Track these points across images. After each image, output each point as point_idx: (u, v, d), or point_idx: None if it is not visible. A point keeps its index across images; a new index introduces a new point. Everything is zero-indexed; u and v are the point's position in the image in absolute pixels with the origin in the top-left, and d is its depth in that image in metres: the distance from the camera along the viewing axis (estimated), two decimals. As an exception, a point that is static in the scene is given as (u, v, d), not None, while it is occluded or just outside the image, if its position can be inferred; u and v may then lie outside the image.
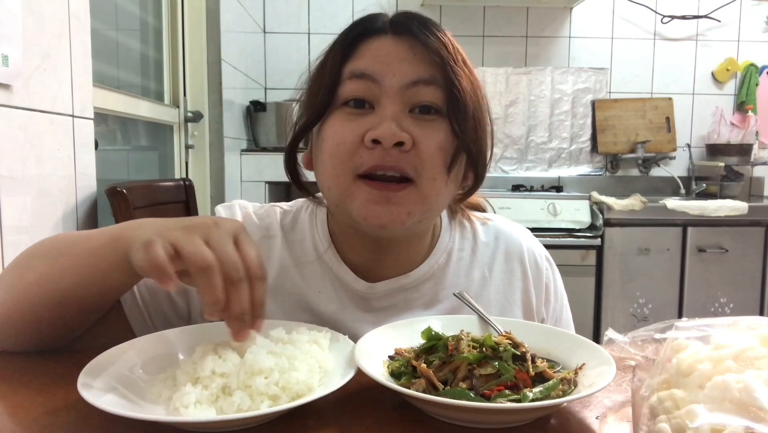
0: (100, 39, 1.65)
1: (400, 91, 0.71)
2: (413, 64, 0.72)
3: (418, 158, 0.71)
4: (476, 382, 0.58)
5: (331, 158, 0.72)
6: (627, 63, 3.21)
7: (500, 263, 0.87)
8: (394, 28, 0.75)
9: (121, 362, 0.62)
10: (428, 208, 0.74)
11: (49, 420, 0.55)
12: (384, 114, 0.70)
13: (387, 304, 0.82)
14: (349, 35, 0.75)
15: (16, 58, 0.99)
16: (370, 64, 0.72)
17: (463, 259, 0.85)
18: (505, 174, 3.18)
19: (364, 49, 0.74)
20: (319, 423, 0.56)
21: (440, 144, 0.71)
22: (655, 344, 0.53)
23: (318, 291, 0.81)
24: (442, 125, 0.72)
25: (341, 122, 0.72)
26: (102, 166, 1.37)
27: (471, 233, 0.88)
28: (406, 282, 0.82)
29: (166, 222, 0.60)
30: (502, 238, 0.89)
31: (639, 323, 2.62)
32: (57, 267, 0.67)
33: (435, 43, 0.73)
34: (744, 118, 3.21)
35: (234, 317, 0.57)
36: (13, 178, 1.01)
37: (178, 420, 0.53)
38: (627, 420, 0.56)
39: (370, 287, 0.81)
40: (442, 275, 0.84)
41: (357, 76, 0.72)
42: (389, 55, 0.73)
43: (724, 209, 2.61)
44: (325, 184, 0.75)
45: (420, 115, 0.72)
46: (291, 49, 3.10)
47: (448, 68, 0.72)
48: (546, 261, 0.91)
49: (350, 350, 0.64)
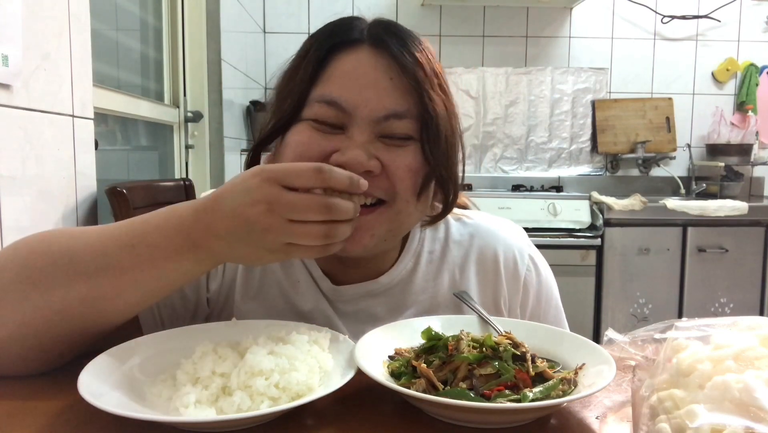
0: (100, 39, 1.65)
1: (371, 123, 0.69)
2: (387, 93, 0.69)
3: (387, 181, 0.70)
4: (476, 382, 0.58)
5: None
6: (627, 63, 3.21)
7: (472, 262, 0.84)
8: (372, 40, 0.72)
9: (121, 362, 0.62)
10: (396, 227, 0.73)
11: (50, 420, 0.55)
12: (352, 140, 0.68)
13: (352, 309, 0.80)
14: (323, 46, 0.72)
15: (16, 58, 0.99)
16: (341, 91, 0.69)
17: (432, 261, 0.83)
18: (505, 174, 3.18)
19: (337, 67, 0.71)
20: (319, 423, 0.56)
21: (410, 166, 0.70)
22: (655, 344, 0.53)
23: (297, 280, 0.80)
24: (414, 148, 0.71)
25: (307, 134, 0.70)
26: (102, 166, 1.37)
27: (444, 232, 0.86)
28: (374, 288, 0.81)
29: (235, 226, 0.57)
30: (478, 236, 0.86)
31: (639, 323, 2.62)
32: (109, 286, 0.60)
33: (412, 66, 0.70)
34: (744, 118, 3.21)
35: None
36: (13, 178, 1.01)
37: (178, 420, 0.53)
38: (627, 420, 0.56)
39: (335, 290, 0.80)
40: (411, 280, 0.82)
41: (326, 102, 0.69)
42: (364, 76, 0.69)
43: (724, 209, 2.61)
44: None
45: (390, 141, 0.71)
46: (291, 49, 3.05)
47: (423, 96, 0.70)
48: (529, 260, 0.87)
49: (350, 350, 0.64)
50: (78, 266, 0.61)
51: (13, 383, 0.65)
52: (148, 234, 0.60)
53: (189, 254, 0.60)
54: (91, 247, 0.62)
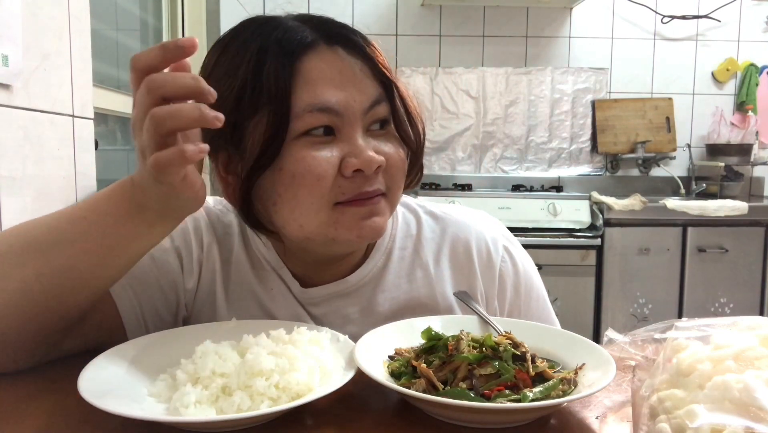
0: (100, 39, 1.65)
1: (361, 116, 0.69)
2: (363, 84, 0.70)
3: (387, 174, 0.71)
4: (476, 382, 0.58)
5: (310, 194, 0.67)
6: (627, 63, 3.20)
7: (446, 256, 0.83)
8: (326, 38, 0.70)
9: (121, 362, 0.62)
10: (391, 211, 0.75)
11: (50, 420, 0.55)
12: (352, 141, 0.68)
13: (323, 311, 0.80)
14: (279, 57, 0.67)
15: (16, 58, 0.99)
16: (328, 95, 0.67)
17: (404, 258, 0.82)
18: (505, 174, 3.18)
19: (308, 73, 0.67)
20: (319, 423, 0.56)
21: (400, 155, 0.73)
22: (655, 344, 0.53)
23: (270, 288, 0.80)
24: (392, 132, 0.73)
25: (311, 153, 0.67)
26: (102, 166, 1.37)
27: (416, 228, 0.85)
28: (343, 288, 0.80)
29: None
30: (450, 229, 0.85)
31: (639, 323, 2.62)
32: (62, 258, 0.61)
33: (368, 52, 0.71)
34: (744, 118, 3.21)
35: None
36: (13, 178, 1.01)
37: (178, 420, 0.53)
38: (627, 420, 0.56)
39: (304, 292, 0.79)
40: (382, 277, 0.81)
41: (319, 110, 0.67)
42: (339, 76, 0.68)
43: (724, 209, 2.61)
44: (298, 220, 0.69)
45: (377, 131, 0.72)
46: (291, 49, 3.10)
47: (386, 77, 0.71)
48: (504, 251, 0.85)
49: (350, 350, 0.64)
50: (32, 244, 0.62)
51: (13, 383, 0.65)
52: (99, 203, 0.61)
53: (137, 217, 0.60)
54: (46, 225, 0.63)
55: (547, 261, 2.52)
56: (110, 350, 0.63)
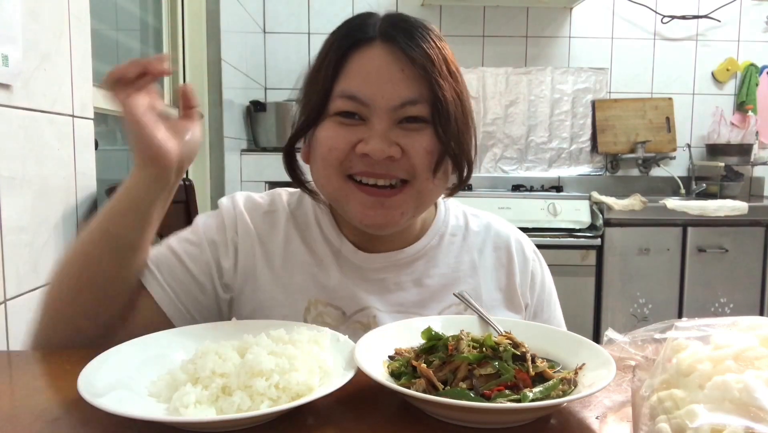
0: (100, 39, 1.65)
1: (388, 111, 0.78)
2: (400, 84, 0.78)
3: (409, 163, 0.79)
4: (476, 382, 0.58)
5: (324, 161, 0.80)
6: (627, 63, 3.21)
7: (489, 249, 0.94)
8: (383, 36, 0.79)
9: (121, 361, 0.62)
10: (420, 204, 0.83)
11: (50, 420, 0.55)
12: (374, 130, 0.77)
13: (380, 277, 0.88)
14: (340, 48, 0.80)
15: (16, 58, 0.99)
16: (359, 86, 0.78)
17: (454, 243, 0.92)
18: (505, 174, 3.18)
19: (355, 63, 0.79)
20: (319, 423, 0.56)
21: (427, 148, 0.79)
22: (655, 344, 0.53)
23: (321, 260, 0.87)
24: (429, 131, 0.79)
25: (334, 129, 0.79)
26: (102, 166, 1.37)
27: (463, 221, 0.96)
28: (400, 258, 0.88)
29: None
30: (492, 229, 0.96)
31: (639, 323, 2.62)
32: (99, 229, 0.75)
33: (421, 58, 0.78)
34: (744, 118, 3.21)
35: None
36: (13, 178, 1.01)
37: (178, 420, 0.53)
38: (627, 420, 0.56)
39: (367, 258, 0.88)
40: (435, 254, 0.91)
41: (347, 97, 0.78)
42: (378, 71, 0.78)
43: (724, 209, 2.61)
44: (319, 181, 0.84)
45: (407, 125, 0.79)
46: (291, 49, 3.10)
47: (432, 83, 0.78)
48: (534, 254, 0.97)
49: (350, 350, 0.64)
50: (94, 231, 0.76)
51: (13, 383, 0.65)
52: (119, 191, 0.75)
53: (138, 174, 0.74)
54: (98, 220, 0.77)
55: (547, 261, 2.49)
56: (110, 350, 0.63)
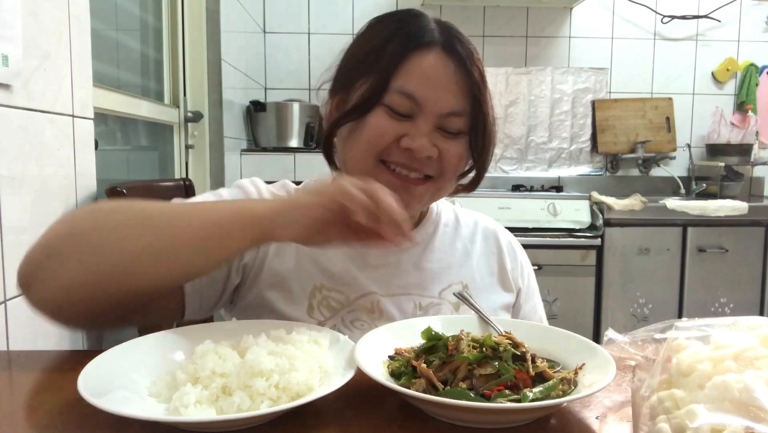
0: (100, 39, 1.65)
1: (435, 116, 0.83)
2: (452, 94, 0.83)
3: (440, 164, 0.85)
4: (476, 382, 0.58)
5: (367, 144, 0.84)
6: (627, 63, 3.20)
7: (479, 239, 1.01)
8: (445, 45, 0.84)
9: (121, 362, 0.62)
10: (433, 198, 0.91)
11: (50, 420, 0.55)
12: (420, 129, 0.83)
13: (382, 262, 0.93)
14: (403, 46, 0.83)
15: (16, 58, 0.99)
16: (417, 86, 0.82)
17: (447, 233, 1.00)
18: (505, 174, 3.18)
19: (414, 64, 0.83)
20: (319, 423, 0.56)
21: (460, 155, 0.86)
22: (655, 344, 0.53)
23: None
24: (463, 140, 0.86)
25: (385, 119, 0.83)
26: (102, 166, 1.37)
27: (454, 216, 1.03)
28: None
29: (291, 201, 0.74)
30: (480, 224, 1.04)
31: (639, 323, 2.62)
32: (169, 239, 0.67)
33: (473, 74, 0.84)
34: (744, 118, 3.21)
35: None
36: (13, 178, 1.01)
37: (178, 420, 0.53)
38: (627, 420, 0.56)
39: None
40: (430, 241, 0.97)
41: (405, 94, 0.82)
42: (437, 77, 0.83)
43: (724, 209, 2.61)
44: (350, 161, 0.88)
45: (447, 132, 0.85)
46: (291, 49, 3.10)
47: (478, 100, 0.84)
48: (520, 247, 1.05)
49: (350, 350, 0.64)
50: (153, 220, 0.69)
51: (14, 383, 0.65)
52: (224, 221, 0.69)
53: (256, 241, 0.69)
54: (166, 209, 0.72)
55: (547, 261, 2.52)
56: (110, 350, 0.63)
